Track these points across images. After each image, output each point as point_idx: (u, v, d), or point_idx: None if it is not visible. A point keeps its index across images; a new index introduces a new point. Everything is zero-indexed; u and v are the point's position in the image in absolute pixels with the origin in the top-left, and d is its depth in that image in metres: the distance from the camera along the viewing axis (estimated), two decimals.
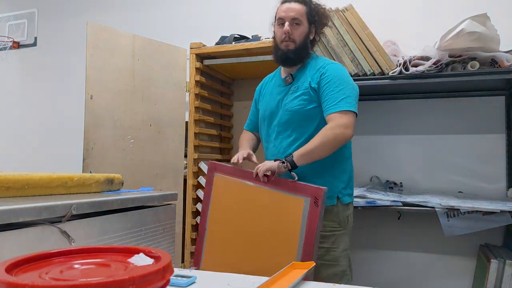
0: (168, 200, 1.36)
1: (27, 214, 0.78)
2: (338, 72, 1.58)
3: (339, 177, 1.63)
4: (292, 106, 1.60)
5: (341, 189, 1.62)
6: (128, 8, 3.14)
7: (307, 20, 1.63)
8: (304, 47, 1.63)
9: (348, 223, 1.65)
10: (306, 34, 1.63)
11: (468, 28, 1.76)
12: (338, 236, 1.60)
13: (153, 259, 0.57)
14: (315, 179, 1.50)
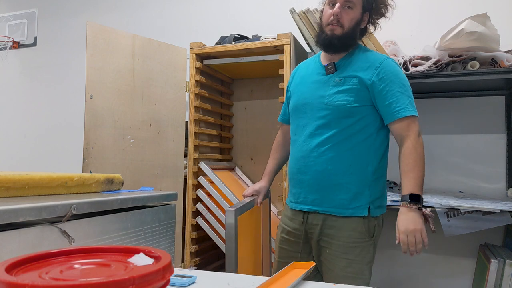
0: (168, 200, 1.36)
1: (27, 214, 0.78)
2: (397, 70, 1.45)
3: (373, 186, 1.48)
4: (335, 100, 1.44)
5: (374, 199, 1.47)
6: (128, 8, 3.14)
7: (361, 6, 1.46)
8: (353, 35, 1.47)
9: (375, 233, 1.50)
10: (358, 20, 1.47)
11: (468, 28, 1.76)
12: (364, 247, 1.47)
13: (153, 259, 0.57)
14: (338, 180, 1.44)
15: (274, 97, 2.57)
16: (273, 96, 2.59)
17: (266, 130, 2.65)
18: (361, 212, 1.44)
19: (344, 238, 1.44)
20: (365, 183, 1.45)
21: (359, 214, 1.44)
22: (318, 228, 1.47)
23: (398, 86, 1.42)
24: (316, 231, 1.48)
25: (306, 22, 2.09)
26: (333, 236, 1.45)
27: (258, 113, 2.71)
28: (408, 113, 1.41)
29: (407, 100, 1.42)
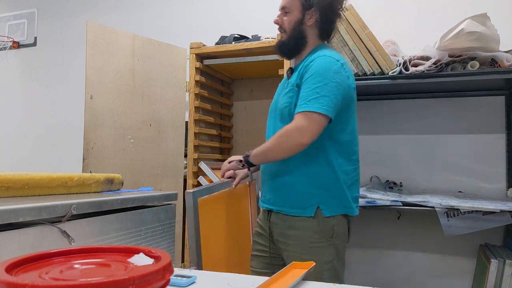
0: (168, 200, 1.36)
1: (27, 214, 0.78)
2: (323, 66, 1.38)
3: (325, 186, 1.44)
4: (280, 104, 1.48)
5: (326, 199, 1.44)
6: (128, 8, 3.14)
7: (299, 6, 1.46)
8: (297, 36, 1.48)
9: (333, 234, 1.45)
10: (297, 21, 1.47)
11: (468, 28, 1.76)
12: (320, 248, 1.44)
13: (153, 259, 0.57)
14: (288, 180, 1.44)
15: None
16: (273, 96, 2.59)
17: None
18: (309, 212, 1.42)
19: (300, 239, 1.44)
20: (314, 183, 1.43)
21: (307, 214, 1.42)
22: (278, 228, 1.48)
23: (313, 82, 1.37)
24: (276, 230, 1.50)
25: None
26: (289, 236, 1.45)
27: (258, 113, 2.71)
28: (305, 109, 1.34)
29: (314, 96, 1.34)
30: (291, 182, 1.46)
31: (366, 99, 2.46)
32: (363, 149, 2.44)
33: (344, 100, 1.40)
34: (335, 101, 1.35)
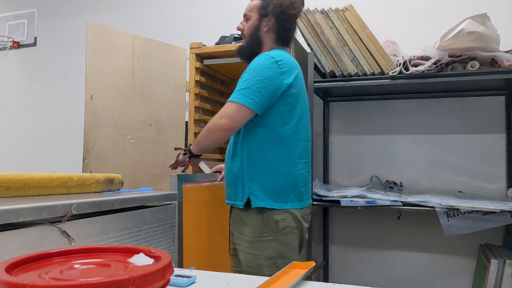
0: (168, 200, 1.36)
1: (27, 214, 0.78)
2: (256, 62, 1.49)
3: (257, 178, 1.49)
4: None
5: (255, 191, 1.49)
6: (128, 8, 3.14)
7: (258, 13, 1.57)
8: (254, 41, 1.58)
9: (277, 229, 1.46)
10: (255, 27, 1.58)
11: (468, 28, 1.76)
12: (263, 242, 1.47)
13: (153, 259, 0.57)
14: (230, 172, 1.55)
15: None
16: None
17: None
18: (239, 203, 1.51)
19: (246, 232, 1.50)
20: (245, 175, 1.50)
21: (238, 205, 1.51)
22: (232, 222, 1.58)
23: (244, 77, 1.47)
24: (232, 225, 1.59)
25: (306, 22, 2.09)
26: (239, 230, 1.53)
27: None
28: (230, 99, 1.45)
29: (239, 88, 1.46)
30: (232, 174, 1.55)
31: (366, 99, 2.46)
32: (364, 149, 2.46)
33: (273, 93, 1.45)
34: (258, 93, 1.43)
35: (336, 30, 2.05)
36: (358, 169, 2.48)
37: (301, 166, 1.53)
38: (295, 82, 1.51)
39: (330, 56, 2.05)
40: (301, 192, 1.53)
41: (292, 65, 1.53)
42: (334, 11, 2.06)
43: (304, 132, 1.55)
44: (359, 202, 1.98)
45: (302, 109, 1.54)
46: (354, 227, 2.47)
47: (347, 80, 2.05)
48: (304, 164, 1.55)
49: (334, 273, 2.49)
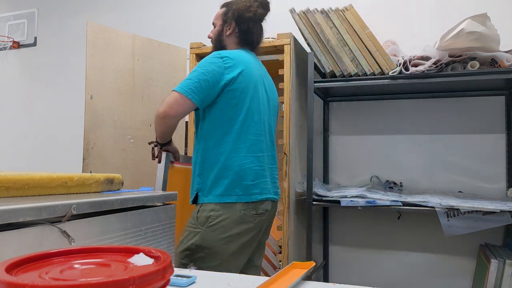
0: (168, 200, 1.36)
1: (27, 214, 0.78)
2: (204, 59, 1.59)
3: (204, 174, 1.56)
4: None
5: (204, 187, 1.55)
6: (128, 8, 3.14)
7: (221, 20, 1.71)
8: (217, 45, 1.72)
9: (207, 223, 1.51)
10: (218, 32, 1.72)
11: (468, 28, 1.76)
12: (190, 232, 1.54)
13: (153, 259, 0.57)
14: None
15: None
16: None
17: None
18: (191, 199, 1.60)
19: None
20: (195, 171, 1.60)
21: (191, 201, 1.61)
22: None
23: (192, 70, 1.58)
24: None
25: (306, 22, 2.09)
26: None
27: None
28: (174, 89, 1.54)
29: (186, 79, 1.55)
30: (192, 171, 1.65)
31: (366, 99, 2.46)
32: (364, 149, 2.46)
33: (213, 86, 1.52)
34: (197, 84, 1.51)
35: (336, 30, 2.05)
36: (358, 169, 2.48)
37: (250, 159, 1.55)
38: (240, 78, 1.55)
39: (330, 56, 2.05)
40: (249, 186, 1.53)
41: (239, 62, 1.58)
42: (334, 11, 2.06)
43: (256, 127, 1.58)
44: (359, 202, 1.98)
45: (251, 104, 1.58)
46: (354, 227, 2.47)
47: (347, 80, 2.05)
48: (255, 158, 1.56)
49: (334, 273, 2.49)
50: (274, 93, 1.78)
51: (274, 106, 1.76)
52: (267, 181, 1.61)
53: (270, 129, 1.70)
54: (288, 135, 2.06)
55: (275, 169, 1.72)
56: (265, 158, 1.61)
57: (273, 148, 1.72)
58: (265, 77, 1.71)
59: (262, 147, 1.61)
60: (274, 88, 1.79)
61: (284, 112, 2.08)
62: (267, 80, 1.73)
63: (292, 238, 2.08)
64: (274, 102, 1.76)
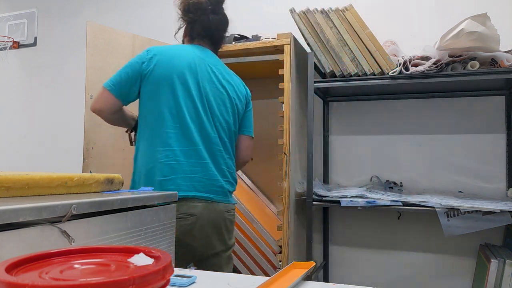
0: (168, 200, 1.36)
1: (27, 214, 0.78)
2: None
3: (134, 169, 1.56)
4: None
5: (131, 182, 1.55)
6: (128, 8, 3.14)
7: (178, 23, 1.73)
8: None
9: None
10: (183, 36, 1.73)
11: (468, 28, 1.76)
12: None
13: (153, 259, 0.57)
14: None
15: (274, 97, 2.57)
16: (273, 96, 2.59)
17: (266, 130, 2.65)
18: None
19: None
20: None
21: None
22: None
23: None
24: None
25: (306, 22, 2.09)
26: None
27: (258, 113, 2.70)
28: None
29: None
30: None
31: (366, 99, 2.46)
32: (364, 149, 2.46)
33: (132, 78, 1.52)
34: (118, 77, 1.52)
35: (336, 30, 2.05)
36: (358, 169, 2.48)
37: (163, 154, 1.48)
38: (157, 70, 1.51)
39: (330, 56, 2.05)
40: (160, 182, 1.46)
41: (161, 53, 1.53)
42: (334, 11, 2.06)
43: (174, 120, 1.50)
44: (359, 202, 1.98)
45: (168, 96, 1.50)
46: (354, 227, 2.47)
47: (347, 80, 2.05)
48: (171, 152, 1.48)
49: (334, 273, 2.49)
50: (229, 85, 1.63)
51: (224, 99, 1.60)
52: (191, 177, 1.49)
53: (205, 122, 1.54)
54: (288, 135, 2.06)
55: (210, 165, 1.54)
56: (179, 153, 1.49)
57: (212, 142, 1.55)
58: (206, 70, 1.57)
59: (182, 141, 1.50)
60: (231, 80, 1.65)
61: (284, 112, 2.08)
62: (209, 72, 1.58)
63: (292, 238, 2.08)
64: (223, 95, 1.60)
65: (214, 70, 1.60)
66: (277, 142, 2.10)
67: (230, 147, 1.62)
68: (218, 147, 1.56)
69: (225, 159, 1.58)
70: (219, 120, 1.58)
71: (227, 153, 1.60)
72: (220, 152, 1.57)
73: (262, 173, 2.58)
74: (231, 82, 1.64)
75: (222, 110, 1.59)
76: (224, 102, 1.60)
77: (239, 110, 1.67)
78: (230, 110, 1.62)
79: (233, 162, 1.65)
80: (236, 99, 1.65)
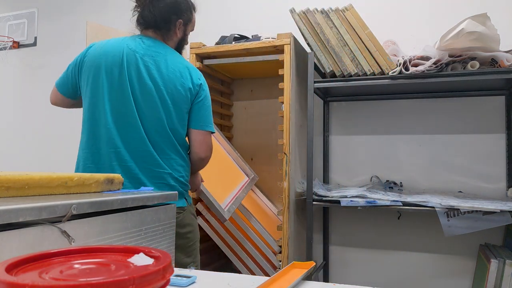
0: (168, 200, 1.36)
1: (27, 214, 0.78)
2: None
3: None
4: None
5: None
6: (128, 8, 3.13)
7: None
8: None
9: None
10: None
11: (468, 27, 1.76)
12: None
13: (153, 259, 0.57)
14: None
15: (274, 97, 2.57)
16: (273, 96, 2.59)
17: (266, 130, 2.66)
18: None
19: None
20: None
21: None
22: None
23: None
24: None
25: (306, 22, 2.09)
26: None
27: (258, 113, 2.71)
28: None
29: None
30: None
31: (366, 99, 2.46)
32: (364, 149, 2.46)
33: (71, 73, 1.54)
34: (64, 74, 1.58)
35: (336, 30, 2.05)
36: (358, 169, 2.48)
37: (84, 156, 1.44)
38: (86, 63, 1.47)
39: (330, 56, 2.05)
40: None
41: (94, 46, 1.50)
42: (334, 11, 2.06)
43: (97, 119, 1.43)
44: (359, 202, 1.98)
45: (94, 94, 1.44)
46: (354, 227, 2.47)
47: (347, 80, 2.05)
48: (89, 154, 1.43)
49: (334, 273, 2.49)
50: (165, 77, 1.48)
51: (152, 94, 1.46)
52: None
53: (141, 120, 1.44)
54: (288, 135, 2.06)
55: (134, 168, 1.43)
56: (112, 155, 1.41)
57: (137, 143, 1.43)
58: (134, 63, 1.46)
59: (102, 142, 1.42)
60: (170, 71, 1.49)
61: (284, 112, 2.08)
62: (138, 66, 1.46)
63: (292, 238, 2.08)
64: (151, 90, 1.45)
65: (146, 63, 1.47)
66: (277, 142, 2.10)
67: (166, 146, 1.47)
68: (146, 148, 1.44)
69: (156, 160, 1.45)
70: (147, 118, 1.45)
71: (161, 153, 1.46)
72: (148, 153, 1.44)
73: (262, 173, 2.58)
74: (169, 73, 1.48)
75: (151, 106, 1.45)
76: (152, 98, 1.45)
77: (178, 104, 1.49)
78: (161, 105, 1.46)
79: (178, 161, 1.50)
80: (174, 92, 1.48)
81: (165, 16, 1.54)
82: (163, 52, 1.51)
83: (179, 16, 1.56)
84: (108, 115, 1.43)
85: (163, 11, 1.53)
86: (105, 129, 1.43)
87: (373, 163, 2.44)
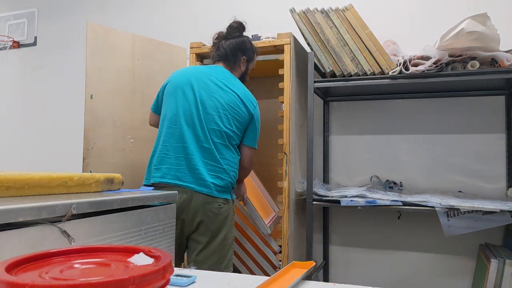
0: (168, 200, 1.36)
1: (27, 213, 0.78)
2: None
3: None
4: None
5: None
6: (128, 8, 3.14)
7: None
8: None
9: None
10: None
11: (468, 27, 1.76)
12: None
13: (153, 258, 0.57)
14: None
15: (274, 97, 2.57)
16: (273, 96, 2.59)
17: (266, 130, 2.65)
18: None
19: None
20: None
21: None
22: None
23: None
24: None
25: (306, 21, 2.09)
26: None
27: None
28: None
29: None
30: None
31: (366, 99, 2.46)
32: (364, 149, 2.46)
33: (158, 97, 1.97)
34: (155, 99, 2.00)
35: (336, 30, 2.05)
36: (358, 169, 2.48)
37: (159, 148, 1.81)
38: (168, 89, 1.90)
39: (330, 56, 2.05)
40: (151, 169, 1.81)
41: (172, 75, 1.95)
42: (334, 11, 2.06)
43: (169, 122, 1.82)
44: (359, 202, 1.98)
45: (168, 107, 1.86)
46: (354, 227, 2.47)
47: (347, 80, 2.05)
48: (163, 147, 1.80)
49: (334, 273, 2.49)
50: (229, 95, 1.83)
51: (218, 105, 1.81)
52: (177, 168, 1.75)
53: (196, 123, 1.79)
54: (288, 135, 2.06)
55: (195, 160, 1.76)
56: (170, 148, 1.79)
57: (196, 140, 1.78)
58: (198, 81, 1.85)
59: (171, 139, 1.79)
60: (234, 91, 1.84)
61: (284, 112, 2.08)
62: (202, 83, 1.85)
63: (292, 238, 2.08)
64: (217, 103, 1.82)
65: (216, 82, 1.84)
66: (277, 142, 2.10)
67: (222, 147, 1.79)
68: (208, 146, 1.77)
69: (214, 156, 1.76)
70: (211, 124, 1.79)
71: (218, 152, 1.78)
72: (209, 150, 1.77)
73: (262, 173, 2.58)
74: (234, 93, 1.84)
75: (214, 115, 1.79)
76: (217, 108, 1.81)
77: (237, 116, 1.83)
78: (223, 114, 1.81)
79: (227, 160, 1.80)
80: (234, 107, 1.83)
81: (234, 51, 1.93)
82: (229, 77, 1.89)
83: (244, 53, 1.94)
84: (178, 121, 1.80)
85: (232, 47, 1.93)
86: (170, 131, 1.81)
87: (373, 163, 2.44)
